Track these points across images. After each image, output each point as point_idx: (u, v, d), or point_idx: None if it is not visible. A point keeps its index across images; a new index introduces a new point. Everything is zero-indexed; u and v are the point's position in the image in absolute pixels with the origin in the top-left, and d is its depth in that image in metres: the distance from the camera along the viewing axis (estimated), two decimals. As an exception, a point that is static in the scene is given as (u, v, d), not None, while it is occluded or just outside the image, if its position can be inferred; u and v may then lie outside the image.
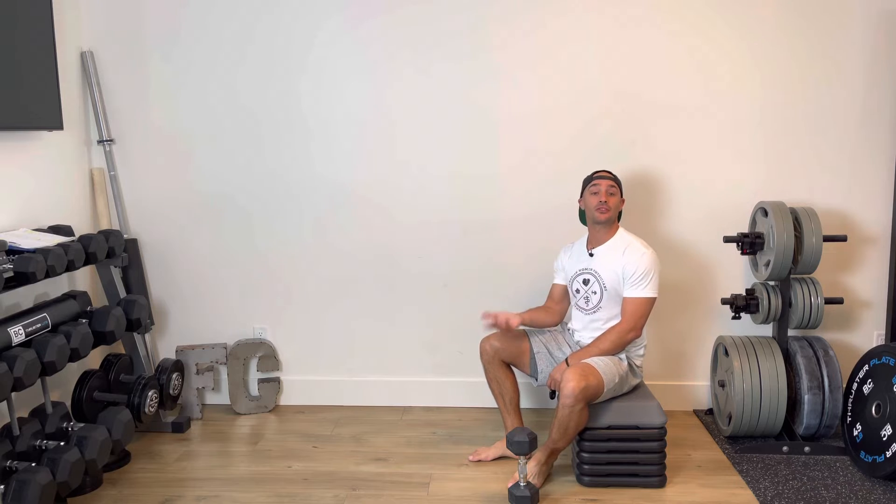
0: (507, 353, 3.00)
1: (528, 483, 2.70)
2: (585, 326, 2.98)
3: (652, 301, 2.83)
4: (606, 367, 2.76)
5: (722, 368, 3.33)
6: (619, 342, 2.81)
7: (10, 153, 2.98)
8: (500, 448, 3.05)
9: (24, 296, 2.97)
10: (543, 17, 3.34)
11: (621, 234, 2.94)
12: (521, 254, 3.51)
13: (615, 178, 2.95)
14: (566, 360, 2.85)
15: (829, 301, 3.23)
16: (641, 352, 2.94)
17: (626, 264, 2.84)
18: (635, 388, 2.94)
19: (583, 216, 3.02)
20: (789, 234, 3.05)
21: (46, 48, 3.01)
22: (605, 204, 2.87)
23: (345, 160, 3.50)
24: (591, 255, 2.94)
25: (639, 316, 2.81)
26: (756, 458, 3.05)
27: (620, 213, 3.00)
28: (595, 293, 2.92)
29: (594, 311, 2.94)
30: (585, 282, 2.94)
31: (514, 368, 3.06)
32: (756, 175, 3.40)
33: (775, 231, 3.06)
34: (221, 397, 3.70)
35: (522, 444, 2.62)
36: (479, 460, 3.04)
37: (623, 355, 2.87)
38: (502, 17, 3.35)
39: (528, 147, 3.43)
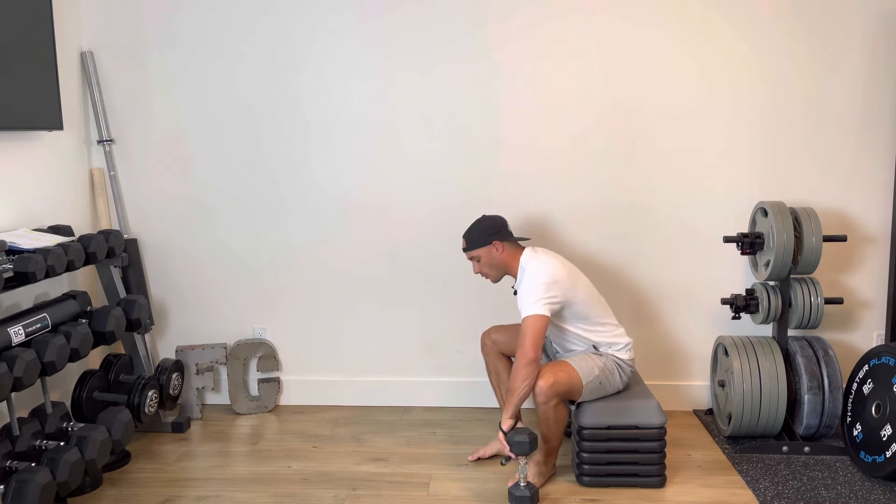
0: (507, 345, 3.02)
1: (528, 483, 2.70)
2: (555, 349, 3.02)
3: (536, 319, 2.64)
4: (581, 360, 2.77)
5: (722, 368, 3.33)
6: (517, 373, 2.65)
7: (10, 153, 2.98)
8: (497, 445, 3.05)
9: (24, 296, 2.97)
10: (544, 17, 3.34)
11: (522, 261, 2.81)
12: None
13: (469, 243, 2.85)
14: (499, 424, 2.73)
15: (829, 301, 3.23)
16: (620, 346, 2.86)
17: (522, 285, 2.77)
18: (633, 388, 2.94)
19: None
20: (789, 234, 3.05)
21: (46, 48, 3.01)
22: (482, 275, 2.92)
23: (345, 160, 3.50)
24: (514, 292, 2.86)
25: (524, 337, 2.64)
26: (756, 458, 3.05)
27: (519, 238, 2.89)
28: None
29: (549, 342, 2.97)
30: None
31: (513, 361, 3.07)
32: (756, 175, 3.40)
33: (775, 231, 3.06)
34: (221, 397, 3.70)
35: (522, 445, 2.62)
36: (479, 458, 3.05)
37: (601, 351, 2.85)
38: (503, 18, 3.35)
39: (528, 148, 3.43)
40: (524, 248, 2.89)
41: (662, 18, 3.32)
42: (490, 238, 2.84)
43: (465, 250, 2.90)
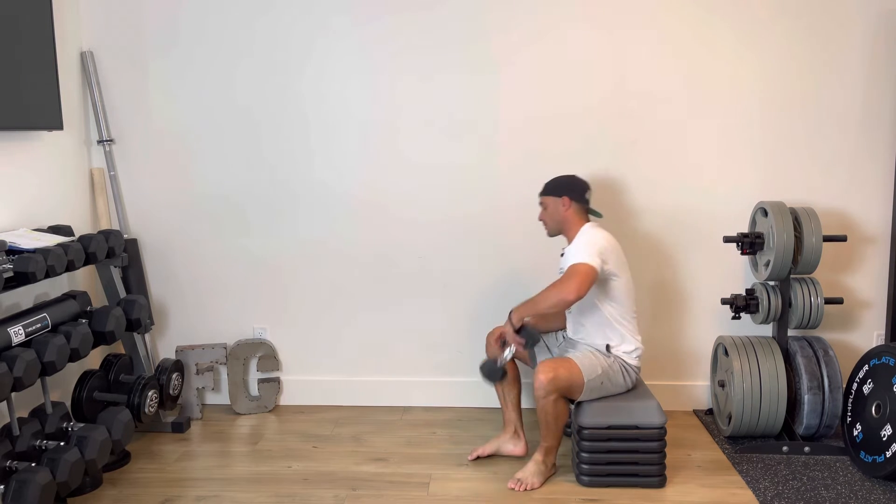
0: None
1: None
2: (566, 319, 3.05)
3: (585, 267, 2.69)
4: (584, 358, 2.79)
5: (722, 368, 3.33)
6: (551, 293, 2.71)
7: (10, 153, 2.98)
8: (496, 444, 3.06)
9: (24, 296, 2.97)
10: (545, 18, 3.34)
11: (583, 230, 2.90)
12: (521, 254, 3.51)
13: (545, 188, 2.97)
14: (510, 313, 2.83)
15: (828, 301, 3.23)
16: (632, 349, 2.88)
17: (568, 252, 2.84)
18: (634, 389, 2.94)
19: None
20: (789, 234, 3.05)
21: (46, 48, 3.01)
22: (542, 222, 3.01)
23: (344, 161, 3.50)
24: (562, 254, 2.96)
25: (570, 275, 2.69)
26: (756, 458, 3.05)
27: (591, 211, 2.97)
28: None
29: (570, 311, 2.99)
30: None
31: (518, 364, 3.08)
32: (756, 175, 3.40)
33: (775, 231, 3.06)
34: (221, 397, 3.70)
35: (534, 335, 2.79)
36: (478, 457, 3.05)
37: (611, 353, 2.86)
38: (504, 19, 3.35)
39: (528, 148, 3.43)
40: (589, 220, 2.95)
41: (663, 20, 3.32)
42: (563, 192, 2.92)
43: (539, 194, 2.99)
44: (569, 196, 2.91)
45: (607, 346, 2.86)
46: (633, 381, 2.91)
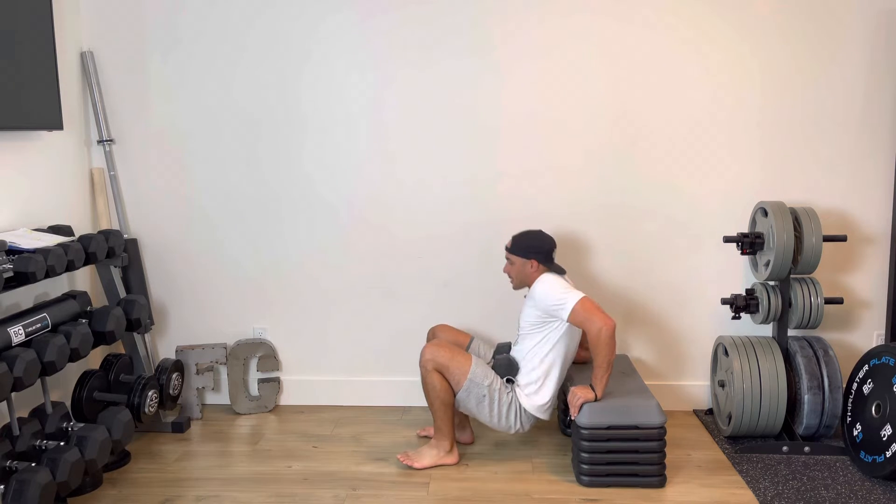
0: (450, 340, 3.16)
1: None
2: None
3: (583, 300, 2.75)
4: (485, 368, 2.90)
5: (722, 368, 3.33)
6: (601, 343, 2.72)
7: (10, 153, 2.98)
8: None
9: (24, 296, 2.98)
10: (544, 19, 3.34)
11: (542, 279, 2.89)
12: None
13: (513, 245, 2.99)
14: (590, 384, 2.82)
15: (828, 301, 3.23)
16: (543, 402, 2.90)
17: (536, 302, 2.86)
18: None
19: None
20: (789, 234, 3.05)
21: (46, 48, 3.01)
22: (507, 274, 3.05)
23: (345, 160, 3.50)
24: (525, 295, 3.01)
25: (588, 316, 2.72)
26: (756, 458, 3.05)
27: (552, 265, 2.97)
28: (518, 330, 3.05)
29: (516, 343, 3.03)
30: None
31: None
32: (756, 175, 3.40)
33: (775, 231, 3.06)
34: (221, 397, 3.70)
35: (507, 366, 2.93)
36: (426, 435, 3.18)
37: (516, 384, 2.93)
38: (503, 20, 3.35)
39: (528, 147, 3.43)
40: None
41: (663, 19, 3.32)
42: (531, 254, 2.95)
43: (506, 248, 3.02)
44: (537, 259, 2.94)
45: (508, 379, 2.91)
46: (520, 428, 2.94)
